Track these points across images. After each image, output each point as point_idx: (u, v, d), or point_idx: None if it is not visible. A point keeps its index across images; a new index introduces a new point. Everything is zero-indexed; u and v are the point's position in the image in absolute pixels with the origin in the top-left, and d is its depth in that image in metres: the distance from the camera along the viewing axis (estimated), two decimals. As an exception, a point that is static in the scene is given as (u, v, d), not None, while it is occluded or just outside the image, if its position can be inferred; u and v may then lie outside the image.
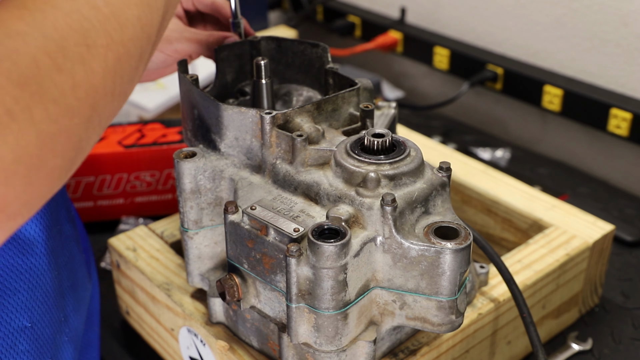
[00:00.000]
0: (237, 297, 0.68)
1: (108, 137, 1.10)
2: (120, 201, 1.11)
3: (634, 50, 1.20)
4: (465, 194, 0.99)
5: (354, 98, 0.74)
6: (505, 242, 0.97)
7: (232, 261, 0.69)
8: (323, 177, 0.66)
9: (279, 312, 0.67)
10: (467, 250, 0.61)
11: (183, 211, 0.73)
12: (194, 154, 0.72)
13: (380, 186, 0.63)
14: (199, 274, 0.77)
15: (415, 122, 1.44)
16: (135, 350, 0.91)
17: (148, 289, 0.84)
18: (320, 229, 0.60)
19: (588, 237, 0.87)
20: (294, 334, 0.64)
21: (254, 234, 0.65)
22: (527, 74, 1.31)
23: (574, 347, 0.88)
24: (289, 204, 0.66)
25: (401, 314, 0.65)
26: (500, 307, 0.78)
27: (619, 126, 1.18)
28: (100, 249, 1.07)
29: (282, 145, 0.69)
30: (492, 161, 1.30)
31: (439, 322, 0.64)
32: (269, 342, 0.70)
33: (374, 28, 1.59)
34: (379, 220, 0.62)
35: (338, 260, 0.59)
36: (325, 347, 0.63)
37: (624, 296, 0.96)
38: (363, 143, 0.67)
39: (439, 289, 0.62)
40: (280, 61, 0.84)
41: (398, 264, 0.62)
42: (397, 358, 0.70)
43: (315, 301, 0.61)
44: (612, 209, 1.16)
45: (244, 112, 0.70)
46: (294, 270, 0.61)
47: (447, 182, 0.67)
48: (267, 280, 0.66)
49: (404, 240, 0.61)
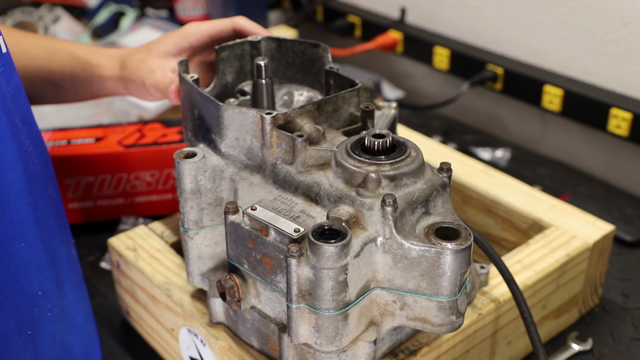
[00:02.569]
0: (238, 297, 0.68)
1: (108, 137, 1.10)
2: (120, 201, 1.11)
3: (634, 50, 1.20)
4: (466, 194, 0.99)
5: (354, 98, 0.74)
6: (505, 242, 0.97)
7: (233, 261, 0.69)
8: (323, 177, 0.66)
9: (279, 313, 0.67)
10: (468, 250, 0.61)
11: (183, 211, 0.73)
12: (194, 154, 0.72)
13: (381, 187, 0.63)
14: (199, 274, 0.77)
15: (415, 122, 1.44)
16: (135, 350, 0.91)
17: (148, 289, 0.84)
18: (320, 230, 0.60)
19: (588, 237, 0.87)
20: (295, 335, 0.64)
21: (255, 235, 0.65)
22: (527, 74, 1.31)
23: (574, 347, 0.88)
24: (289, 204, 0.66)
25: (401, 315, 0.65)
26: (500, 307, 0.78)
27: (619, 126, 1.18)
28: (100, 249, 1.07)
29: (282, 145, 0.69)
30: (492, 161, 1.30)
31: (440, 322, 0.64)
32: (269, 343, 0.70)
33: (374, 28, 1.59)
34: (380, 220, 0.62)
35: (338, 260, 0.59)
36: (326, 347, 0.63)
37: (624, 296, 0.96)
38: (364, 143, 0.67)
39: (440, 289, 0.62)
40: (281, 61, 0.84)
41: (398, 264, 0.62)
42: (398, 358, 0.70)
43: (316, 302, 0.61)
44: (612, 209, 1.16)
45: (245, 113, 0.70)
46: (295, 271, 0.60)
47: (448, 182, 0.67)
48: (268, 280, 0.66)
49: (404, 240, 0.61)
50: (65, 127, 1.14)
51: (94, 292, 0.98)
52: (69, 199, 1.09)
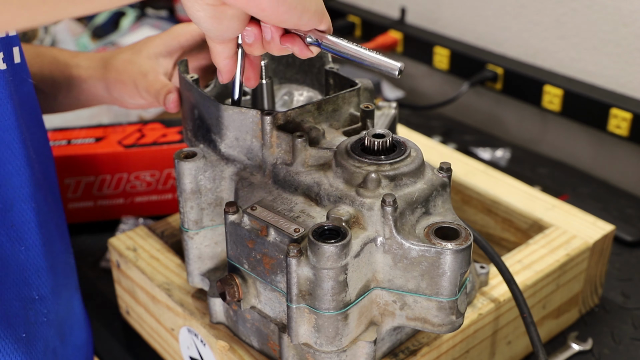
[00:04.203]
0: (238, 297, 0.68)
1: (108, 137, 1.10)
2: (120, 201, 1.11)
3: (634, 50, 1.20)
4: (466, 194, 0.99)
5: (354, 98, 0.74)
6: (505, 242, 0.97)
7: (233, 261, 0.69)
8: (323, 177, 0.66)
9: (279, 313, 0.67)
10: (468, 250, 0.61)
11: (183, 211, 0.73)
12: (194, 154, 0.72)
13: (381, 187, 0.63)
14: (199, 274, 0.77)
15: (415, 122, 1.44)
16: (135, 350, 0.91)
17: (148, 289, 0.84)
18: (320, 230, 0.60)
19: (588, 237, 0.87)
20: (295, 335, 0.64)
21: (255, 235, 0.65)
22: (527, 74, 1.31)
23: (574, 347, 0.88)
24: (289, 204, 0.66)
25: (401, 315, 0.65)
26: (500, 307, 0.78)
27: (619, 126, 1.18)
28: (100, 249, 1.07)
29: (282, 145, 0.69)
30: (492, 161, 1.30)
31: (440, 322, 0.64)
32: (269, 343, 0.70)
33: (374, 28, 1.59)
34: (380, 220, 0.61)
35: (338, 260, 0.59)
36: (326, 347, 0.63)
37: (624, 296, 0.96)
38: (364, 143, 0.66)
39: (440, 289, 0.62)
40: (281, 61, 0.84)
41: (398, 264, 0.62)
42: (398, 358, 0.70)
43: (316, 302, 0.61)
44: (612, 209, 1.16)
45: (245, 113, 0.70)
46: (295, 271, 0.60)
47: (448, 182, 0.67)
48: (268, 280, 0.66)
49: (404, 240, 0.61)
50: (65, 127, 1.14)
51: (94, 292, 0.98)
52: (69, 199, 1.09)
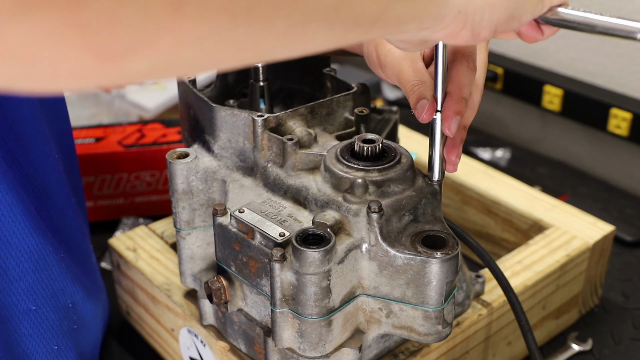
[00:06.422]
0: (224, 299, 0.68)
1: (108, 137, 1.10)
2: (120, 201, 1.11)
3: (634, 50, 1.20)
4: (466, 194, 0.99)
5: (349, 102, 0.73)
6: (505, 242, 0.97)
7: (221, 263, 0.68)
8: (312, 181, 0.66)
9: (264, 316, 0.67)
10: (454, 260, 0.60)
11: (175, 211, 0.73)
12: (186, 155, 0.72)
13: (368, 193, 0.62)
14: (191, 275, 0.76)
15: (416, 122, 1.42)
16: (135, 350, 0.91)
17: (148, 289, 0.84)
18: (304, 235, 0.60)
19: (588, 237, 0.87)
20: (278, 339, 0.63)
21: (241, 237, 0.64)
22: (527, 74, 1.31)
23: (574, 347, 0.88)
24: (277, 207, 0.66)
25: (387, 323, 0.64)
26: (500, 307, 0.78)
27: (619, 126, 1.18)
28: (100, 249, 1.07)
29: (273, 148, 0.68)
30: (492, 161, 1.30)
31: (425, 332, 0.63)
32: (256, 346, 0.70)
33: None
34: (365, 227, 0.61)
35: (321, 266, 0.58)
36: (309, 353, 0.63)
37: (624, 296, 0.96)
38: (353, 148, 0.65)
39: (425, 298, 0.61)
40: (281, 62, 0.84)
41: (384, 272, 0.61)
42: (398, 359, 0.70)
43: (299, 307, 0.60)
44: (612, 209, 1.16)
45: (237, 114, 0.69)
46: (278, 275, 0.60)
47: (438, 190, 0.65)
48: (253, 283, 0.65)
49: (389, 248, 0.60)
50: (65, 127, 1.14)
51: (94, 292, 0.98)
52: (69, 199, 1.09)
